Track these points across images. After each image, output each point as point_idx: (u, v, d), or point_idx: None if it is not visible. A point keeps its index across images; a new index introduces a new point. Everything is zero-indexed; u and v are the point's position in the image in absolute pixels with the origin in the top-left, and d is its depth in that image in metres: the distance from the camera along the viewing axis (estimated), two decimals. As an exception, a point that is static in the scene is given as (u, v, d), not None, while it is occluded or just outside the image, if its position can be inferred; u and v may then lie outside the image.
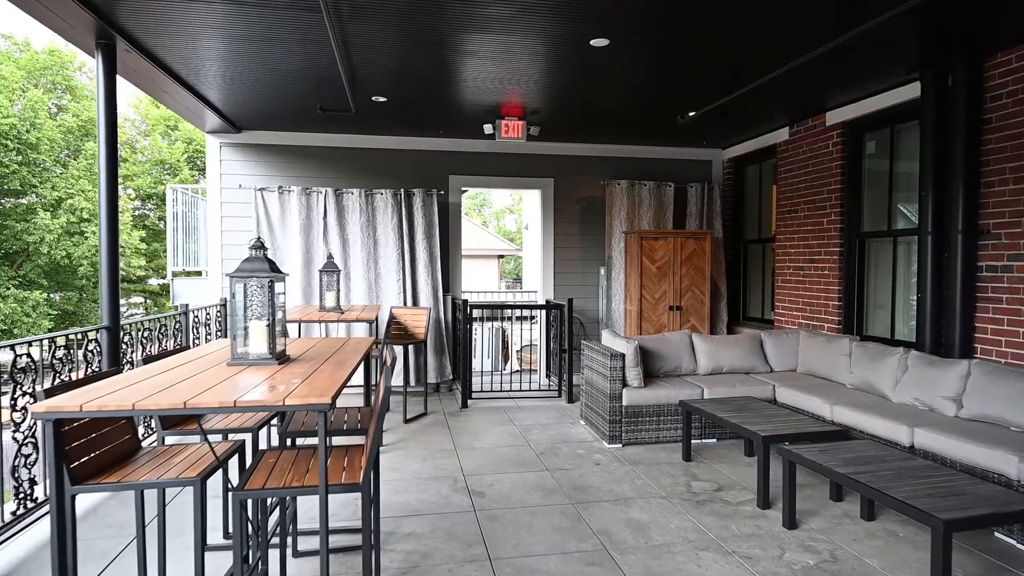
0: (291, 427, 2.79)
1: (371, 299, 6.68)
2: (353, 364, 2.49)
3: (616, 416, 4.88)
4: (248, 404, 1.75)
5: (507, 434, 5.27)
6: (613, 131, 6.74)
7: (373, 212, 6.67)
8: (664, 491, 3.93)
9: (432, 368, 6.80)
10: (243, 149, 6.63)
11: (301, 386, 1.97)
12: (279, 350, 2.51)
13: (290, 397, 1.80)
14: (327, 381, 2.06)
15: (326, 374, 2.21)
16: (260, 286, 2.46)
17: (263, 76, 4.78)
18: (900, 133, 5.33)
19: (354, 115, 5.67)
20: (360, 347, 3.01)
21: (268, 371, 2.29)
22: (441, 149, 7.00)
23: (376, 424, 2.04)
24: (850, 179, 5.74)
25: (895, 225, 5.42)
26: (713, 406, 4.41)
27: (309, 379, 2.11)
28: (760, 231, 7.37)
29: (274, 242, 6.50)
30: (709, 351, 5.48)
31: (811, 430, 3.76)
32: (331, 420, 2.87)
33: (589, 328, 7.45)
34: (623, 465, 4.44)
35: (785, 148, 6.54)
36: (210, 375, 2.21)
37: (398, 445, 4.93)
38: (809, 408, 4.63)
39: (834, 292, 5.81)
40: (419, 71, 4.65)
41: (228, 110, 5.80)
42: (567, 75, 4.75)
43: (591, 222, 7.43)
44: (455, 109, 5.74)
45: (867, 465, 3.08)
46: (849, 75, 4.86)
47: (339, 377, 2.13)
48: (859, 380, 4.79)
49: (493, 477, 4.20)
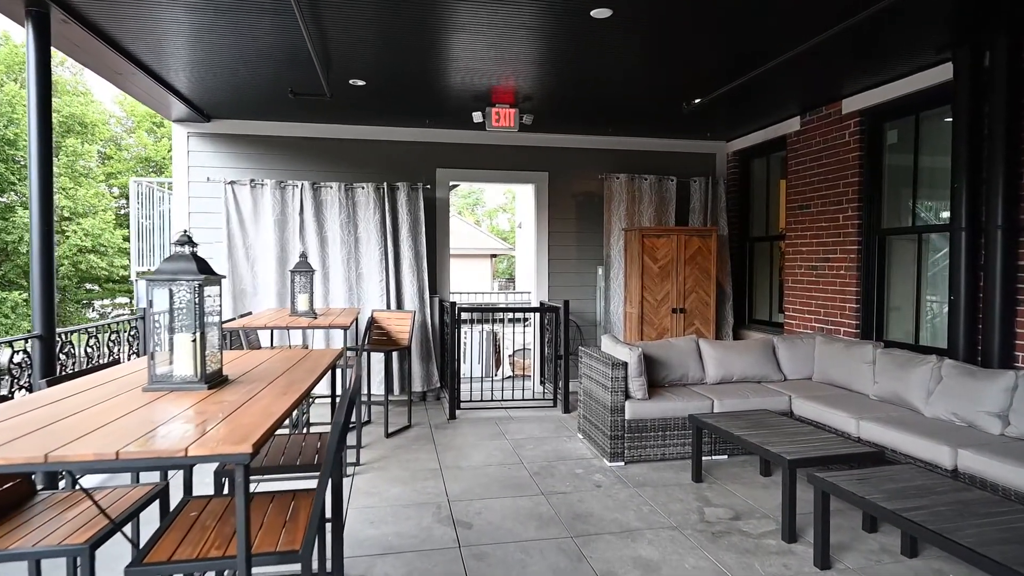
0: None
1: (352, 301, 6.20)
2: (306, 386, 2.02)
3: (618, 431, 4.43)
4: (135, 456, 1.28)
5: (498, 450, 4.80)
6: (612, 121, 6.28)
7: (354, 207, 6.18)
8: (674, 520, 3.48)
9: (417, 376, 6.32)
10: (213, 139, 6.12)
11: (220, 425, 1.50)
12: (212, 370, 2.04)
13: (197, 444, 1.33)
14: (259, 416, 1.58)
15: (262, 404, 1.73)
16: (189, 291, 1.98)
17: (228, 55, 4.29)
18: (925, 121, 4.90)
19: (330, 100, 5.18)
20: (322, 361, 2.53)
21: (191, 399, 1.82)
22: (427, 140, 6.51)
23: (324, 474, 1.57)
24: (869, 172, 5.30)
25: (919, 221, 4.99)
26: (727, 422, 3.96)
27: (237, 412, 1.64)
28: (768, 228, 6.93)
29: (246, 240, 6.00)
30: (718, 358, 5.03)
31: (841, 452, 3.31)
32: (283, 454, 2.40)
33: (586, 332, 6.99)
34: (627, 487, 3.99)
35: (796, 139, 6.10)
36: (114, 405, 1.74)
37: (377, 464, 4.45)
38: (831, 423, 4.19)
39: (851, 293, 5.37)
40: (400, 50, 4.18)
41: (193, 95, 5.30)
42: (564, 54, 4.28)
43: (588, 219, 6.97)
44: (441, 95, 5.26)
45: (917, 499, 2.63)
46: (871, 57, 4.42)
47: (277, 409, 1.66)
48: (885, 391, 4.35)
49: (481, 503, 3.74)
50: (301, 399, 1.90)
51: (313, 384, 2.14)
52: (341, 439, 1.73)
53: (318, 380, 2.20)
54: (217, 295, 2.08)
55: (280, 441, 2.54)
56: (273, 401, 1.78)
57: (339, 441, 1.64)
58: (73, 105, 23.98)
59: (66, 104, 23.74)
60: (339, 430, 1.63)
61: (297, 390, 1.94)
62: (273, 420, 1.53)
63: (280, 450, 2.44)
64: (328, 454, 1.58)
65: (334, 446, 1.57)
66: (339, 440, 1.64)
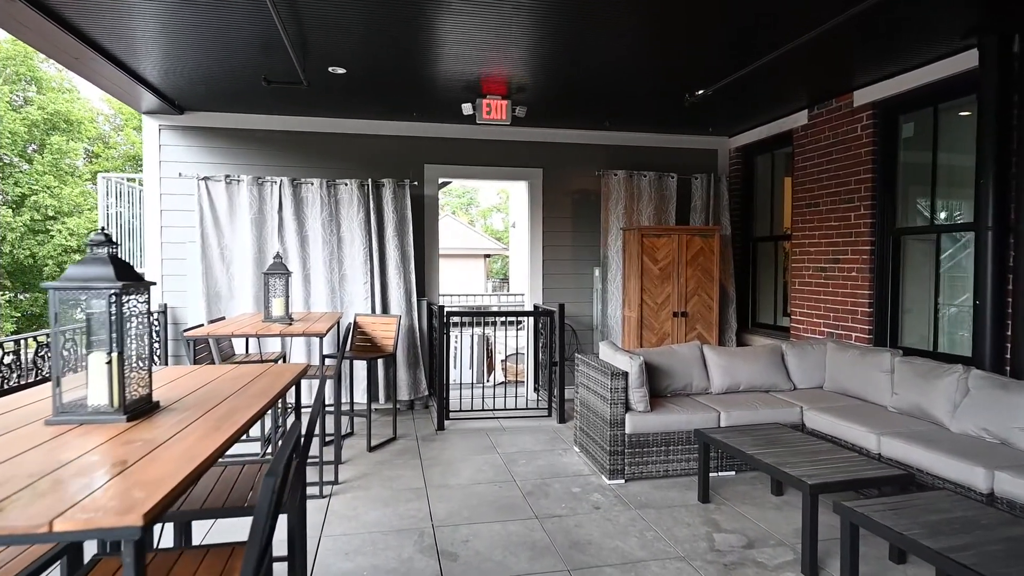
0: (184, 505, 1.96)
1: (335, 305, 5.84)
2: (250, 416, 1.68)
3: (618, 446, 4.10)
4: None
5: (488, 465, 4.47)
6: (610, 114, 5.95)
7: (336, 205, 5.83)
8: (682, 549, 3.15)
9: (404, 384, 5.97)
10: (186, 133, 5.76)
11: (115, 480, 1.15)
12: (137, 396, 1.69)
13: (66, 516, 0.98)
14: (174, 463, 1.24)
15: (186, 444, 1.39)
16: (108, 302, 1.64)
17: (197, 39, 3.93)
18: (944, 113, 4.59)
19: (307, 89, 4.83)
20: (280, 380, 2.19)
21: (101, 436, 1.48)
22: (414, 135, 6.17)
23: (255, 533, 1.22)
24: (883, 167, 4.99)
25: (937, 219, 4.68)
26: (736, 438, 3.64)
27: (149, 457, 1.29)
28: (772, 227, 6.62)
29: (221, 239, 5.64)
30: (724, 366, 4.71)
31: (867, 475, 2.99)
32: (231, 490, 2.05)
33: (582, 336, 6.66)
34: (628, 509, 3.66)
35: (803, 134, 5.78)
36: (5, 443, 1.39)
37: (357, 483, 4.10)
38: (849, 438, 3.87)
39: (864, 296, 5.06)
40: (382, 34, 3.83)
41: (163, 84, 4.94)
42: (560, 40, 3.95)
43: (585, 217, 6.63)
44: (429, 84, 4.92)
45: (961, 534, 2.31)
46: (886, 44, 4.11)
47: (201, 451, 1.32)
48: (905, 403, 4.03)
49: (469, 529, 3.40)
50: (240, 433, 1.56)
51: (263, 410, 1.80)
52: (282, 483, 1.39)
53: (269, 405, 1.86)
54: (144, 302, 1.73)
55: (231, 473, 2.19)
56: (201, 439, 1.44)
57: (278, 489, 1.30)
58: (58, 102, 23.50)
59: (50, 101, 23.26)
60: (278, 476, 1.29)
61: (236, 422, 1.60)
62: (189, 471, 1.19)
63: (229, 484, 2.10)
64: (260, 507, 1.24)
65: (269, 499, 1.23)
66: (278, 488, 1.30)
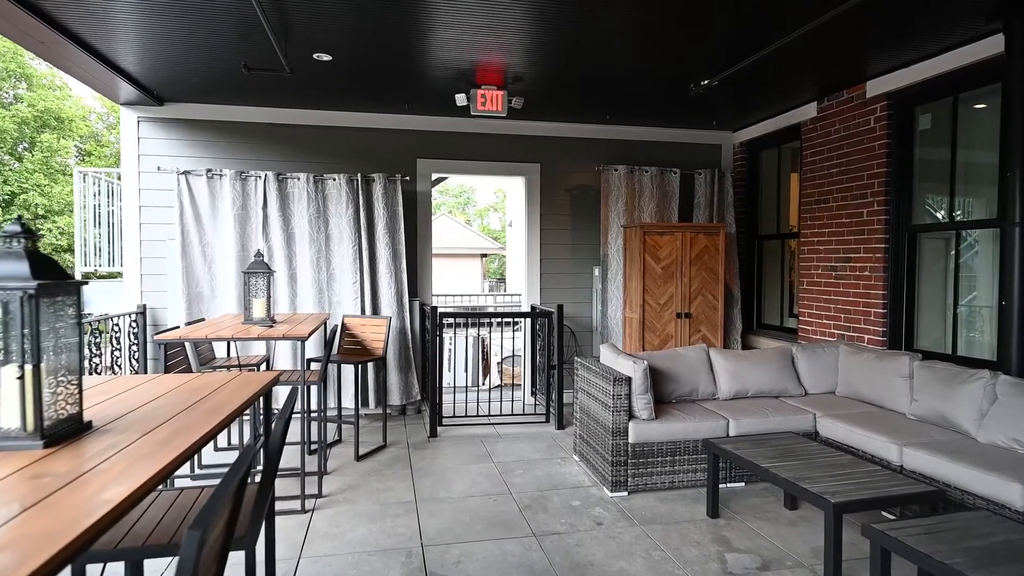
0: (125, 540, 1.71)
1: (322, 306, 5.58)
2: (195, 439, 1.42)
3: (620, 456, 3.85)
4: None
5: (483, 476, 4.21)
6: (610, 107, 5.70)
7: (324, 201, 5.57)
8: (692, 571, 2.90)
9: (396, 388, 5.71)
10: (166, 125, 5.48)
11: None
12: (62, 416, 1.43)
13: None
14: (77, 511, 0.98)
15: (105, 480, 1.14)
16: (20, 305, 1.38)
17: (175, 22, 3.67)
18: (964, 103, 4.35)
19: (291, 77, 4.56)
20: (242, 393, 1.93)
21: (7, 467, 1.22)
22: (406, 128, 5.91)
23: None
24: (898, 161, 4.75)
25: (956, 216, 4.44)
26: (749, 449, 3.39)
27: (50, 500, 1.04)
28: (778, 225, 6.38)
29: (203, 236, 5.37)
30: (731, 370, 4.47)
31: (895, 492, 2.74)
32: (180, 523, 1.79)
33: (581, 338, 6.41)
34: (632, 525, 3.41)
35: (813, 127, 5.54)
36: None
37: (342, 496, 3.84)
38: (867, 448, 3.63)
39: (878, 297, 4.82)
40: (370, 16, 3.57)
41: (141, 73, 4.67)
42: (558, 22, 3.69)
43: (584, 215, 6.38)
44: (420, 73, 4.66)
45: (1008, 563, 2.07)
46: (903, 30, 3.87)
47: (116, 494, 1.06)
48: (926, 410, 3.79)
49: (461, 549, 3.14)
50: (182, 460, 1.30)
51: (215, 430, 1.54)
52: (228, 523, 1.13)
53: (225, 424, 1.60)
54: (72, 306, 1.47)
55: (188, 497, 1.93)
56: (127, 471, 1.18)
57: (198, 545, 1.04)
58: (49, 99, 23.18)
59: (41, 98, 22.94)
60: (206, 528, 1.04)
61: (177, 447, 1.34)
62: (91, 523, 0.93)
63: (185, 511, 1.84)
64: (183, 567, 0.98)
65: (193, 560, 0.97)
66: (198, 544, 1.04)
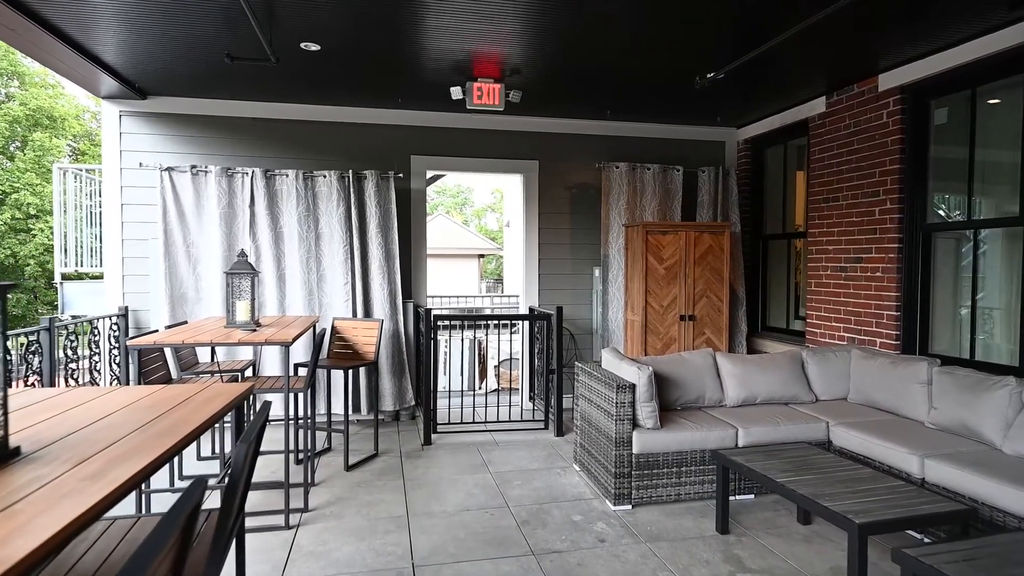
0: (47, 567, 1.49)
1: (312, 308, 5.36)
2: (138, 468, 1.21)
3: (624, 467, 3.64)
4: None
5: (479, 488, 4.00)
6: (611, 102, 5.49)
7: (314, 199, 5.35)
8: (702, 595, 2.70)
9: (389, 393, 5.50)
10: (149, 120, 5.26)
11: None
12: (-21, 443, 1.22)
13: None
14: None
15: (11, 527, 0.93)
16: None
17: (150, 7, 3.45)
18: (983, 96, 4.16)
19: (278, 68, 4.34)
20: (206, 409, 1.72)
21: None
22: (399, 123, 5.69)
23: None
24: (912, 158, 4.56)
25: (975, 214, 4.25)
26: (761, 461, 3.18)
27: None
28: (784, 224, 6.18)
29: (187, 236, 5.14)
30: (739, 376, 4.27)
31: (924, 511, 2.54)
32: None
33: (581, 341, 6.20)
34: (638, 542, 3.20)
35: (821, 122, 5.34)
36: None
37: (330, 509, 3.63)
38: (885, 459, 3.43)
39: (891, 299, 4.62)
40: (360, 3, 3.37)
41: (121, 65, 4.45)
42: (558, 13, 3.49)
43: (584, 213, 6.18)
44: (414, 64, 4.45)
45: (1060, 596, 1.87)
46: (918, 19, 3.67)
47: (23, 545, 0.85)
48: (946, 419, 3.59)
49: (454, 570, 2.93)
50: (115, 499, 1.09)
51: (166, 456, 1.33)
52: None
53: (179, 447, 1.39)
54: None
55: (142, 529, 1.72)
56: (40, 515, 0.97)
57: None
58: (41, 98, 22.94)
59: (33, 96, 22.68)
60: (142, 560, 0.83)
61: (113, 481, 1.13)
62: None
63: (137, 543, 1.62)
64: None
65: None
66: None
